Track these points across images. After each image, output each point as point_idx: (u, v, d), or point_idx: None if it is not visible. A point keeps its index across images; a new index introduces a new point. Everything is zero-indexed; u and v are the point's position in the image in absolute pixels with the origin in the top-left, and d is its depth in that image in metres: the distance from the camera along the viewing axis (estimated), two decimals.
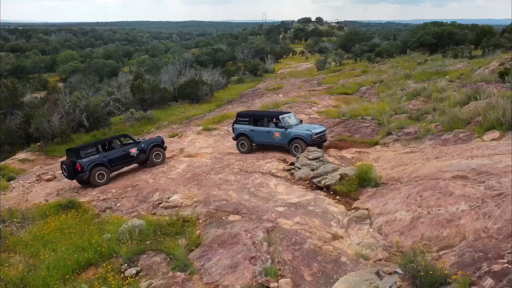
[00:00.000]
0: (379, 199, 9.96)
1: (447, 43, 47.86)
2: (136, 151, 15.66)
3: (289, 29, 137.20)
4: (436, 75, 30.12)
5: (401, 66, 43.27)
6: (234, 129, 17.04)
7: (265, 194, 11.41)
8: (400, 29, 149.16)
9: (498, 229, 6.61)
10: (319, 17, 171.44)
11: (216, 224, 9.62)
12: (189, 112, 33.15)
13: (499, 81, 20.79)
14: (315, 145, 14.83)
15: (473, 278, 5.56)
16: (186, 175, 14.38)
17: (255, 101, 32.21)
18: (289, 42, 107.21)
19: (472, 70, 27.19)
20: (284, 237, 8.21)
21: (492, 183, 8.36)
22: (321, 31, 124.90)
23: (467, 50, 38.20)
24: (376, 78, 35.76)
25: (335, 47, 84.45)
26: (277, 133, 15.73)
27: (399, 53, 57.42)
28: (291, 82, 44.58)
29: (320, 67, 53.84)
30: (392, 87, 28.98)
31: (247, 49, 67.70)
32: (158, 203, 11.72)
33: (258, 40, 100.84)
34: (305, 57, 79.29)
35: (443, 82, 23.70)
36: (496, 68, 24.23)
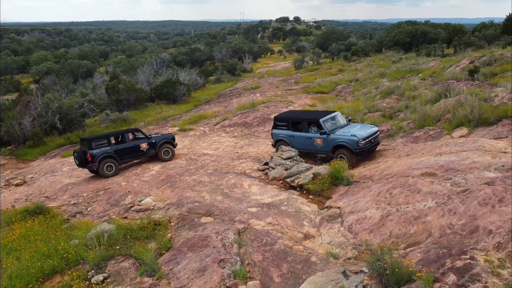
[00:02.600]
0: (350, 198, 10.03)
1: (420, 42, 48.78)
2: (146, 146, 16.01)
3: (267, 29, 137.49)
4: (409, 73, 30.65)
5: (377, 65, 43.87)
6: (273, 135, 15.22)
7: (239, 195, 11.34)
8: (376, 28, 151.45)
9: (462, 225, 6.72)
10: (297, 17, 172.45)
11: (188, 227, 9.50)
12: (165, 112, 32.84)
13: (469, 79, 21.28)
14: (364, 152, 12.78)
15: (437, 275, 5.63)
16: (160, 177, 14.19)
17: (232, 101, 32.11)
18: (267, 42, 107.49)
19: (444, 68, 27.77)
20: (255, 238, 8.17)
21: (458, 180, 8.52)
22: (299, 30, 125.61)
23: (440, 49, 39.01)
24: (352, 77, 36.15)
25: (312, 46, 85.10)
26: (318, 140, 13.55)
27: (374, 52, 58.20)
28: (269, 82, 44.66)
29: (298, 66, 54.10)
30: (367, 85, 29.34)
31: (225, 49, 67.46)
32: (130, 207, 11.52)
33: (236, 39, 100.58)
34: (283, 56, 79.57)
35: (415, 80, 24.14)
36: (466, 66, 24.81)
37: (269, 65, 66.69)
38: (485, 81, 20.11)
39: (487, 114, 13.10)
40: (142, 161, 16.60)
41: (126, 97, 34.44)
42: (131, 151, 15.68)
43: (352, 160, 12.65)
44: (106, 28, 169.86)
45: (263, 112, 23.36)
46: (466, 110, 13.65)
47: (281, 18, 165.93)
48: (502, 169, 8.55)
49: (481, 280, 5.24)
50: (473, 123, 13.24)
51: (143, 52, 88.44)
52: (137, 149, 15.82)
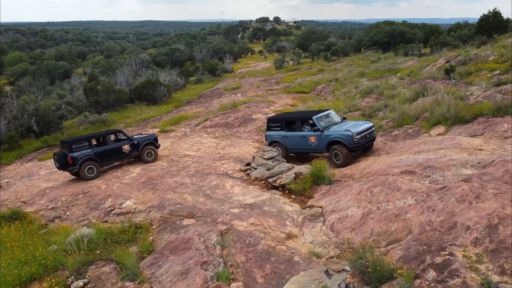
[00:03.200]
0: (332, 197, 10.11)
1: (398, 42, 49.62)
2: (128, 148, 15.84)
3: (247, 29, 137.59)
4: (388, 73, 31.16)
5: (356, 64, 44.43)
6: (266, 137, 14.96)
7: (221, 196, 11.30)
8: (355, 28, 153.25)
9: (441, 221, 6.85)
10: (277, 17, 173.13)
11: (170, 229, 9.41)
12: (146, 113, 32.48)
13: (445, 78, 21.75)
14: (359, 147, 12.57)
15: (417, 271, 5.72)
16: (141, 179, 14.01)
17: (213, 101, 31.99)
18: (248, 42, 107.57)
19: (421, 67, 28.32)
20: (238, 239, 8.15)
21: (436, 177, 8.69)
22: (279, 30, 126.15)
23: (417, 48, 39.76)
24: (332, 77, 36.51)
25: (292, 46, 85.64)
26: (312, 138, 13.29)
27: (354, 51, 58.94)
28: (250, 82, 44.69)
29: (278, 66, 54.34)
30: (347, 85, 29.67)
31: (206, 49, 67.19)
32: (110, 210, 11.33)
33: (217, 39, 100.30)
34: (264, 56, 79.79)
35: (394, 80, 24.52)
36: (443, 66, 25.33)
37: (250, 65, 66.74)
38: (460, 80, 20.58)
39: (463, 112, 13.41)
40: (123, 163, 16.38)
41: (105, 98, 33.90)
42: (113, 153, 15.47)
43: (348, 156, 12.39)
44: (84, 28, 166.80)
45: (244, 113, 23.34)
46: (443, 108, 13.94)
47: (261, 18, 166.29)
48: (478, 166, 8.76)
49: (460, 275, 5.35)
50: (450, 121, 13.53)
51: (121, 53, 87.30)
52: (119, 151, 15.61)
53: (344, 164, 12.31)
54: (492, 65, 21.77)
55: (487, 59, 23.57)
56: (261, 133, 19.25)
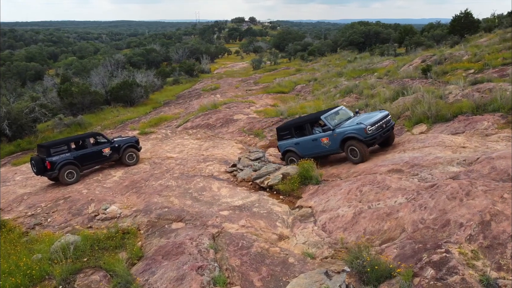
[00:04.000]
0: (321, 196, 10.12)
1: (373, 42, 50.46)
2: (109, 151, 15.45)
3: (223, 29, 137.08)
4: (365, 72, 31.61)
5: (333, 64, 44.92)
6: (279, 148, 13.94)
7: (209, 198, 11.15)
8: (330, 28, 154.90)
9: (433, 219, 6.94)
10: (252, 17, 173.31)
11: (158, 234, 9.21)
12: (123, 115, 31.87)
13: (422, 77, 22.21)
14: (376, 139, 11.53)
15: (415, 270, 5.77)
16: (124, 183, 13.70)
17: (193, 102, 31.70)
18: (224, 42, 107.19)
19: (398, 67, 28.86)
20: (231, 242, 8.04)
21: (424, 175, 8.82)
22: (254, 30, 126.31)
23: (392, 48, 40.52)
24: (310, 76, 36.77)
25: (269, 46, 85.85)
26: (324, 139, 12.40)
27: (330, 51, 59.61)
28: (228, 82, 44.53)
29: (256, 67, 54.37)
30: (326, 84, 29.93)
31: (182, 49, 66.51)
32: (94, 215, 11.00)
33: (193, 40, 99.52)
34: (241, 56, 79.73)
35: (372, 79, 24.88)
36: (419, 65, 25.90)
37: (227, 65, 66.52)
38: (437, 79, 21.07)
39: (443, 111, 13.70)
40: (103, 167, 16.00)
41: (81, 100, 33.07)
42: (93, 156, 15.07)
43: (365, 151, 11.49)
44: (55, 29, 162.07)
45: (225, 113, 23.19)
46: (424, 107, 14.20)
47: (236, 19, 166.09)
48: (464, 163, 8.94)
49: (458, 272, 5.42)
50: (431, 120, 13.79)
51: (95, 53, 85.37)
52: (100, 154, 15.22)
53: (362, 160, 11.51)
54: (467, 65, 22.38)
55: (461, 58, 24.23)
56: (244, 134, 19.18)
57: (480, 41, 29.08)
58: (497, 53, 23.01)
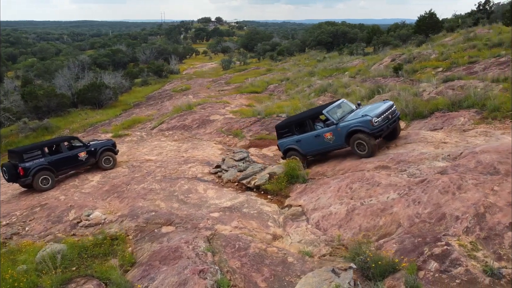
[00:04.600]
0: (310, 195, 10.18)
1: (341, 41, 51.40)
2: (85, 155, 14.94)
3: (189, 29, 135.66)
4: (336, 72, 32.16)
5: (303, 64, 45.42)
6: (279, 146, 13.39)
7: (196, 201, 10.97)
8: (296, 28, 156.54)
9: (429, 213, 7.12)
10: (219, 17, 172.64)
11: (149, 239, 8.96)
12: (92, 118, 31.00)
13: (394, 75, 22.81)
14: (383, 131, 10.99)
15: (419, 263, 5.89)
16: (103, 187, 13.26)
17: (165, 103, 31.19)
18: (191, 42, 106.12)
19: (368, 66, 29.54)
20: (227, 244, 7.93)
21: (412, 171, 9.04)
22: (221, 31, 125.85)
23: (361, 48, 41.44)
24: (282, 76, 37.00)
25: (237, 46, 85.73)
26: (328, 134, 11.78)
27: (299, 51, 60.22)
28: (199, 83, 44.15)
29: (226, 67, 54.18)
30: (299, 84, 30.21)
31: (149, 50, 65.30)
32: (77, 222, 10.58)
33: (159, 40, 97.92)
34: (209, 57, 79.21)
35: (346, 78, 25.32)
36: (389, 64, 26.60)
37: (196, 66, 65.94)
38: (408, 77, 21.70)
39: (421, 108, 14.11)
40: (79, 172, 15.44)
41: (46, 103, 31.87)
42: (69, 161, 14.52)
43: (373, 144, 10.94)
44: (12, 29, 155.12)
45: (201, 114, 22.95)
46: (401, 104, 14.57)
47: (203, 19, 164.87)
48: (449, 158, 9.23)
49: (462, 264, 5.58)
50: (409, 117, 14.18)
51: (57, 55, 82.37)
52: (75, 158, 14.68)
53: (370, 154, 10.98)
54: (435, 63, 23.18)
55: (429, 57, 25.06)
56: (223, 134, 19.04)
57: (445, 40, 30.21)
58: (463, 52, 23.95)
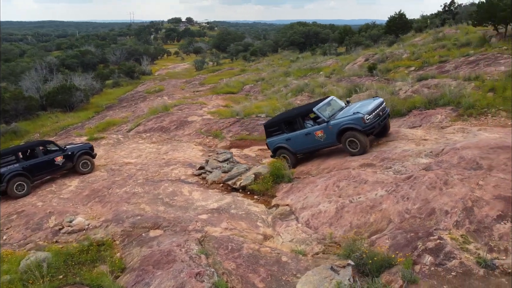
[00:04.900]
0: (297, 194, 10.24)
1: (313, 42, 52.04)
2: (62, 159, 14.44)
3: (160, 30, 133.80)
4: (311, 71, 32.52)
5: (276, 64, 45.67)
6: (268, 145, 13.21)
7: (182, 203, 10.84)
8: (267, 28, 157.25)
9: (418, 209, 7.31)
10: (189, 17, 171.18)
11: (137, 243, 8.79)
12: (63, 121, 30.12)
13: (369, 75, 23.30)
14: (375, 128, 11.04)
15: (413, 258, 6.03)
16: (83, 192, 12.89)
17: (140, 105, 30.66)
18: (162, 43, 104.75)
19: (342, 65, 30.03)
20: (219, 245, 7.87)
21: (398, 168, 9.25)
22: (192, 31, 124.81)
23: (334, 48, 42.08)
24: (256, 76, 37.09)
25: (209, 47, 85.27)
26: (318, 132, 11.72)
27: (271, 51, 60.54)
28: (172, 84, 43.65)
29: (199, 67, 53.81)
30: (275, 84, 30.35)
31: (119, 51, 63.96)
32: (58, 229, 10.23)
33: (129, 41, 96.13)
34: (181, 57, 78.41)
35: (322, 78, 25.63)
36: (363, 63, 27.13)
37: (168, 66, 65.13)
38: (383, 77, 22.21)
39: (399, 106, 14.47)
40: (55, 177, 14.93)
41: (14, 106, 30.66)
42: (45, 166, 14.03)
43: (366, 142, 10.97)
44: None
45: (178, 116, 22.70)
46: None
47: (173, 19, 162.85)
48: (432, 155, 9.51)
49: (456, 257, 5.76)
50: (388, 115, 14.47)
51: (21, 56, 79.35)
52: (52, 163, 14.20)
53: (363, 152, 10.99)
54: (408, 62, 23.84)
55: (402, 57, 25.76)
56: (202, 135, 18.90)
57: (416, 40, 31.10)
58: (433, 52, 24.75)
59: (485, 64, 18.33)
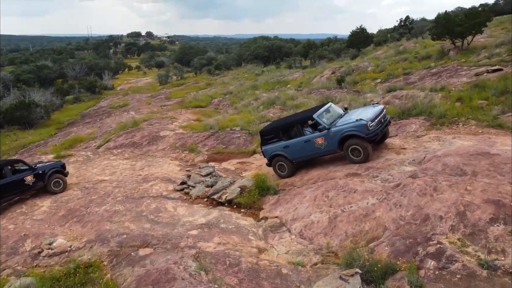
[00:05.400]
0: (285, 206, 10.28)
1: (277, 55, 52.92)
2: (32, 179, 13.71)
3: (119, 44, 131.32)
4: (278, 85, 32.97)
5: (242, 78, 45.96)
6: (264, 153, 12.91)
7: (168, 219, 10.58)
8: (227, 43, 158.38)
9: (412, 215, 7.54)
10: (149, 32, 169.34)
11: (127, 263, 8.46)
12: (23, 139, 28.74)
13: (337, 87, 23.94)
14: (378, 135, 10.83)
15: (417, 263, 6.20)
16: (59, 212, 12.29)
17: (106, 121, 29.83)
18: (122, 57, 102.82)
19: (310, 78, 30.68)
20: (216, 261, 7.74)
21: (384, 176, 9.51)
22: (153, 45, 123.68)
23: (298, 61, 42.96)
24: (224, 90, 37.12)
25: (171, 61, 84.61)
26: (319, 139, 11.43)
27: (235, 65, 60.89)
28: (137, 98, 42.88)
29: (163, 82, 53.22)
30: (244, 97, 30.48)
31: (79, 65, 62.12)
32: (38, 252, 9.67)
33: (87, 55, 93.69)
34: (143, 72, 77.25)
35: (292, 90, 26.04)
36: (330, 76, 27.86)
37: (130, 81, 63.93)
38: (351, 89, 22.89)
39: None
40: (23, 197, 14.14)
41: None
42: (14, 186, 13.26)
43: (369, 149, 10.80)
44: None
45: (150, 130, 22.25)
46: None
47: (133, 33, 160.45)
48: (414, 163, 9.87)
49: (458, 260, 5.97)
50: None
51: None
52: (21, 183, 13.45)
53: (365, 160, 10.83)
54: (373, 75, 24.72)
55: (367, 69, 26.69)
56: (177, 150, 18.61)
57: (378, 53, 32.37)
58: (396, 64, 25.83)
59: (447, 75, 19.34)
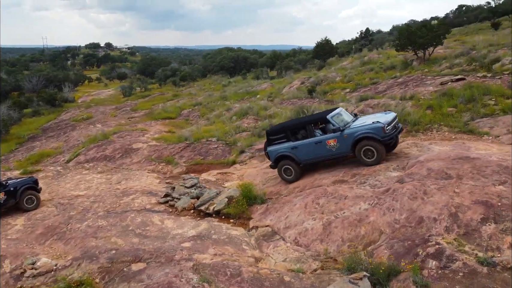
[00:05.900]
0: (276, 214, 10.36)
1: (243, 66, 53.37)
2: (3, 196, 12.95)
3: (77, 55, 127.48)
4: (248, 95, 33.25)
5: (208, 89, 45.95)
6: (268, 153, 12.47)
7: (157, 233, 10.37)
8: (188, 53, 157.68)
9: (406, 218, 7.84)
10: (108, 43, 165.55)
11: (120, 279, 8.21)
12: None
13: (308, 97, 24.45)
14: (393, 139, 10.98)
15: (419, 264, 6.44)
16: (36, 230, 11.72)
17: (72, 134, 28.89)
18: (81, 69, 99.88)
19: (279, 89, 31.13)
20: (216, 272, 7.67)
21: (373, 182, 9.83)
22: (113, 56, 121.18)
23: (265, 72, 43.52)
24: (192, 101, 36.94)
25: (133, 72, 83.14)
26: (331, 141, 11.25)
27: (200, 76, 60.74)
28: (101, 111, 41.82)
29: (126, 93, 52.17)
30: (214, 108, 30.47)
31: (36, 77, 59.69)
32: (20, 273, 9.19)
33: (43, 66, 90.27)
34: (104, 83, 75.39)
35: (264, 100, 26.32)
36: (300, 86, 28.42)
37: (92, 93, 62.25)
38: (322, 98, 23.46)
39: None
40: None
41: None
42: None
43: (383, 151, 10.85)
44: None
45: (122, 143, 21.73)
46: None
47: (91, 44, 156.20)
48: (399, 168, 10.28)
49: (458, 258, 6.27)
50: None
51: None
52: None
53: (378, 161, 10.84)
54: (342, 85, 25.49)
55: (335, 79, 27.48)
56: (154, 162, 18.29)
57: (344, 64, 33.40)
58: (363, 74, 26.78)
59: (414, 85, 20.27)
